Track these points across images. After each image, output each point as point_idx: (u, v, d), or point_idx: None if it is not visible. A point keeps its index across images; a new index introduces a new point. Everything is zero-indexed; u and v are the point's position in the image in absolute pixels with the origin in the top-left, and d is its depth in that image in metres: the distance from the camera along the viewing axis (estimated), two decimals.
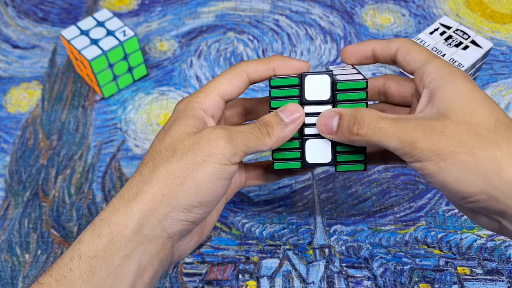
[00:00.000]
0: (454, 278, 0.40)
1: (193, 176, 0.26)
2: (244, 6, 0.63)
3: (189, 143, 0.27)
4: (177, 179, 0.26)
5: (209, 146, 0.27)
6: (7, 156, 0.50)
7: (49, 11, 0.64)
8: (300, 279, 0.40)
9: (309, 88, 0.31)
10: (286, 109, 0.30)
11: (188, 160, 0.26)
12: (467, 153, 0.25)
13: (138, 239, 0.26)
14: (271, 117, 0.30)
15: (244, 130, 0.28)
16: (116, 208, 0.27)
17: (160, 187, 0.26)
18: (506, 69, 0.56)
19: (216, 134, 0.27)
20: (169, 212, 0.26)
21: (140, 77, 0.56)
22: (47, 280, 0.25)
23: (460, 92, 0.27)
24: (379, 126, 0.27)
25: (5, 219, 0.45)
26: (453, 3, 0.63)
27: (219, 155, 0.27)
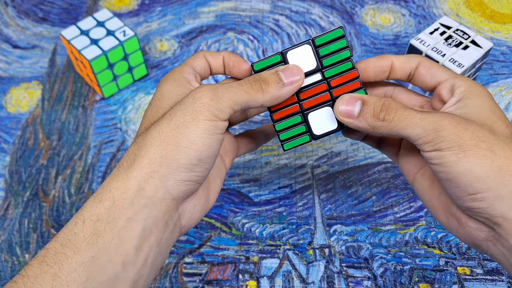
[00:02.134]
0: (454, 278, 0.40)
1: (186, 135, 0.27)
2: (244, 6, 0.63)
3: (176, 105, 0.28)
4: (171, 139, 0.27)
5: (195, 104, 0.27)
6: (7, 156, 0.50)
7: (49, 11, 0.64)
8: (300, 279, 0.40)
9: (294, 62, 0.31)
10: (287, 69, 0.30)
11: (178, 120, 0.27)
12: (487, 149, 0.26)
13: (141, 201, 0.26)
14: (269, 75, 0.30)
15: (231, 86, 0.29)
16: (115, 174, 0.27)
17: (156, 150, 0.27)
18: (506, 69, 0.56)
19: (201, 93, 0.28)
20: (170, 173, 0.27)
21: (140, 77, 0.56)
22: (53, 245, 0.26)
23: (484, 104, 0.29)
24: (406, 113, 0.28)
25: (5, 219, 0.45)
26: (453, 3, 0.63)
27: (206, 111, 0.27)
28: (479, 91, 0.30)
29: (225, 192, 0.46)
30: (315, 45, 0.31)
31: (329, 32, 0.31)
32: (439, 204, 0.31)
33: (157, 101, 0.31)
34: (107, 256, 0.25)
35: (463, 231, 0.29)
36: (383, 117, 0.28)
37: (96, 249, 0.25)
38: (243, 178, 0.47)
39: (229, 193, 0.46)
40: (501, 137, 0.27)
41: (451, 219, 0.30)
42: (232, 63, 0.34)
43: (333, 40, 0.31)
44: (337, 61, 0.31)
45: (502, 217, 0.26)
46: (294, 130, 0.32)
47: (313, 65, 0.31)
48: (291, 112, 0.32)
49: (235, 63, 0.34)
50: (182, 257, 0.42)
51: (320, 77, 0.32)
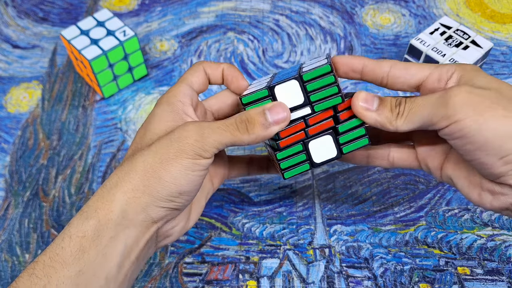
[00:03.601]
0: (454, 278, 0.40)
1: (169, 170, 0.28)
2: (244, 6, 0.63)
3: (163, 139, 0.29)
4: (154, 172, 0.28)
5: (180, 143, 0.29)
6: (7, 156, 0.50)
7: (49, 11, 0.64)
8: (300, 279, 0.40)
9: (281, 97, 0.31)
10: (274, 108, 0.30)
11: (163, 155, 0.29)
12: (504, 109, 0.26)
13: (124, 223, 0.28)
14: (255, 114, 0.30)
15: (218, 127, 0.29)
16: (100, 196, 0.29)
17: (140, 179, 0.28)
18: (506, 69, 0.56)
19: (187, 132, 0.29)
20: (152, 201, 0.29)
21: (140, 77, 0.56)
22: (42, 258, 0.27)
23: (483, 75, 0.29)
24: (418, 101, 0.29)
25: (5, 219, 0.45)
26: (453, 3, 0.63)
27: (190, 151, 0.28)
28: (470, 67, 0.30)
29: (225, 192, 0.46)
30: (303, 81, 0.31)
31: (316, 68, 0.31)
32: (470, 184, 0.31)
33: (147, 123, 0.31)
34: (92, 271, 0.27)
35: (498, 202, 0.29)
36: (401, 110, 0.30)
37: (82, 264, 0.27)
38: (243, 178, 0.47)
39: (229, 193, 0.46)
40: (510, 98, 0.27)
41: (484, 194, 0.30)
42: (231, 77, 0.34)
43: (321, 76, 0.31)
44: (325, 96, 0.31)
45: None
46: (294, 158, 0.32)
47: (300, 100, 0.31)
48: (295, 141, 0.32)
49: (233, 78, 0.34)
50: (182, 257, 0.42)
51: (310, 111, 0.32)
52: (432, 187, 0.46)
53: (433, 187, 0.46)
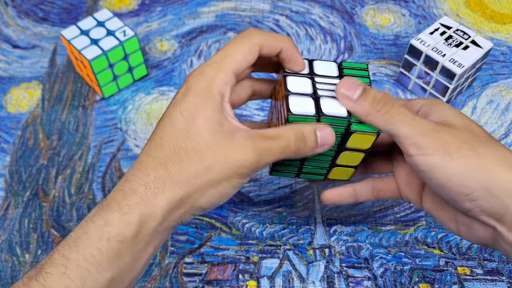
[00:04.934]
0: (454, 278, 0.40)
1: (218, 189, 0.28)
2: (244, 6, 0.63)
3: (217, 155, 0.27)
4: (202, 187, 0.28)
5: (237, 165, 0.27)
6: (7, 156, 0.50)
7: (49, 11, 0.64)
8: (300, 279, 0.40)
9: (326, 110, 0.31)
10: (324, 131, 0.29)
11: (215, 175, 0.27)
12: (471, 150, 0.27)
13: (160, 229, 0.28)
14: (310, 134, 0.29)
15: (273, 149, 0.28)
16: (144, 198, 0.27)
17: (186, 191, 0.27)
18: (506, 69, 0.56)
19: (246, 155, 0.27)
20: (190, 211, 0.29)
21: (140, 77, 0.56)
22: (74, 256, 0.25)
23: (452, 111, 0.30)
24: (402, 109, 0.29)
25: (5, 219, 0.45)
26: (453, 3, 0.63)
27: (244, 175, 0.28)
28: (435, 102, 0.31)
29: None
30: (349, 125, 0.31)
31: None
32: (446, 216, 0.32)
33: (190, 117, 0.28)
34: (122, 277, 0.27)
35: (472, 235, 0.30)
36: (380, 107, 0.29)
37: (116, 270, 0.26)
38: None
39: None
40: (481, 137, 0.28)
41: (460, 226, 0.31)
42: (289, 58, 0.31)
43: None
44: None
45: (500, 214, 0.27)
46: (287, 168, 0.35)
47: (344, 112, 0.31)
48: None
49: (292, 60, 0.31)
50: (182, 257, 0.42)
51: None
52: None
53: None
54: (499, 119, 0.51)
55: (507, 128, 0.50)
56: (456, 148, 0.27)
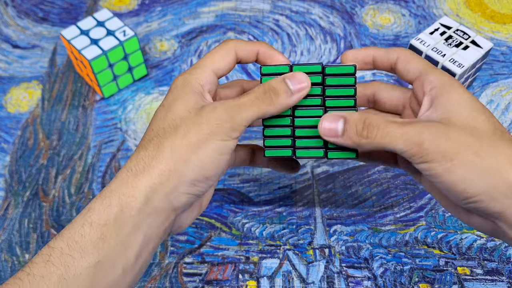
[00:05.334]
0: (454, 278, 0.40)
1: (197, 154, 0.28)
2: (244, 6, 0.63)
3: (191, 120, 0.28)
4: (182, 156, 0.28)
5: (210, 124, 0.28)
6: (7, 156, 0.50)
7: (49, 11, 0.64)
8: (300, 279, 0.41)
9: None
10: (294, 77, 0.30)
11: (191, 138, 0.28)
12: (473, 154, 0.26)
13: (147, 210, 0.27)
14: (278, 83, 0.30)
15: (244, 104, 0.29)
16: (124, 180, 0.27)
17: (167, 163, 0.27)
18: (506, 69, 0.56)
19: (216, 113, 0.28)
20: (176, 186, 0.28)
21: (140, 77, 0.56)
22: (58, 244, 0.26)
23: (461, 100, 0.28)
24: (387, 129, 0.28)
25: (5, 219, 0.45)
26: (453, 3, 0.63)
27: (220, 133, 0.28)
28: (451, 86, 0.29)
29: (225, 192, 0.46)
30: (324, 73, 0.31)
31: (341, 66, 0.31)
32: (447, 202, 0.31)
33: (169, 105, 0.30)
34: (111, 262, 0.26)
35: (472, 224, 0.30)
36: (366, 135, 0.28)
37: (102, 254, 0.26)
38: (243, 178, 0.47)
39: (229, 193, 0.46)
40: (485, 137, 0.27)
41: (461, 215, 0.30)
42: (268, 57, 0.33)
43: (343, 75, 0.31)
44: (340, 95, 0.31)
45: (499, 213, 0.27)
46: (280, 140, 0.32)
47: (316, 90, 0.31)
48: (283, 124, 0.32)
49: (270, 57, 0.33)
50: (182, 257, 0.42)
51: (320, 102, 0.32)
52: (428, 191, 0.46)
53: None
54: (499, 119, 0.51)
55: (507, 128, 0.50)
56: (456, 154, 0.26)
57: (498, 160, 0.26)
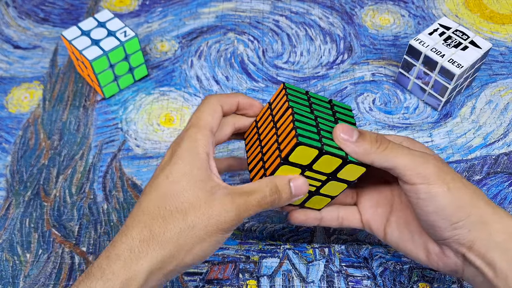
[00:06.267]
0: (453, 278, 0.41)
1: (201, 245, 0.29)
2: (244, 6, 0.64)
3: (200, 212, 0.29)
4: (187, 245, 0.29)
5: (219, 223, 0.29)
6: (8, 156, 0.50)
7: (50, 11, 0.64)
8: (300, 278, 0.41)
9: None
10: (297, 183, 0.32)
11: (199, 232, 0.29)
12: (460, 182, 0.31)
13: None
14: (283, 186, 0.31)
15: (251, 204, 0.30)
16: (127, 263, 0.28)
17: (170, 250, 0.28)
18: (505, 69, 0.56)
19: (227, 213, 0.29)
20: (175, 269, 0.29)
21: (141, 78, 0.56)
22: None
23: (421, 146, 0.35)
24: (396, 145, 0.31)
25: (6, 219, 0.45)
26: (452, 4, 0.63)
27: (226, 229, 0.29)
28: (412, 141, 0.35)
29: None
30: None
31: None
32: (416, 247, 0.34)
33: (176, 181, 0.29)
34: None
35: (442, 263, 0.33)
36: (379, 145, 0.31)
37: None
38: (243, 178, 0.48)
39: None
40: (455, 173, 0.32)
41: (431, 255, 0.33)
42: (248, 106, 0.35)
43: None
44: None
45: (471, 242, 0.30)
46: None
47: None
48: None
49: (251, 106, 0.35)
50: None
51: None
52: None
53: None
54: (498, 119, 0.51)
55: (505, 128, 0.51)
56: (451, 179, 0.30)
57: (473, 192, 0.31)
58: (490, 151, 0.49)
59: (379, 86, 0.55)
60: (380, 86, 0.55)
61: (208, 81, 0.55)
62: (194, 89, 0.55)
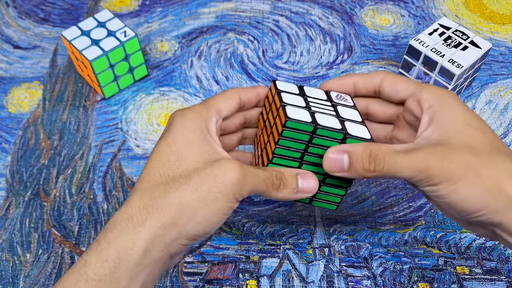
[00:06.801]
0: (453, 278, 0.41)
1: (203, 210, 0.27)
2: (244, 7, 0.64)
3: (205, 174, 0.27)
4: (188, 210, 0.27)
5: (224, 184, 0.27)
6: (8, 156, 0.50)
7: (50, 11, 0.64)
8: (300, 278, 0.41)
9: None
10: (306, 178, 0.31)
11: (202, 194, 0.27)
12: (474, 175, 0.27)
13: (145, 262, 0.27)
14: (289, 176, 0.30)
15: (258, 175, 0.29)
16: (124, 231, 0.27)
17: (171, 215, 0.27)
18: (505, 69, 0.56)
19: (233, 173, 0.27)
20: (176, 239, 0.27)
21: (141, 78, 0.56)
22: None
23: (457, 117, 0.30)
24: (393, 160, 0.28)
25: (6, 219, 0.45)
26: (452, 4, 0.63)
27: (229, 194, 0.27)
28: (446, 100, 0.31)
29: None
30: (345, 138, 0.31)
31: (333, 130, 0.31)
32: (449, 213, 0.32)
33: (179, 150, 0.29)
34: None
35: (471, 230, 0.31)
36: (374, 168, 0.29)
37: None
38: None
39: None
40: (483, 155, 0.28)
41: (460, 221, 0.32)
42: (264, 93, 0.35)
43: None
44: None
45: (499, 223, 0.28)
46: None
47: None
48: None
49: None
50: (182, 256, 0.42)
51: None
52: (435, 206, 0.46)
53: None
54: (498, 119, 0.51)
55: (505, 128, 0.51)
56: (460, 176, 0.27)
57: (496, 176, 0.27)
58: None
59: None
60: None
61: (208, 81, 0.55)
62: (194, 89, 0.55)
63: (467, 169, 0.27)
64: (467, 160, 0.28)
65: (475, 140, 0.29)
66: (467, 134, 0.29)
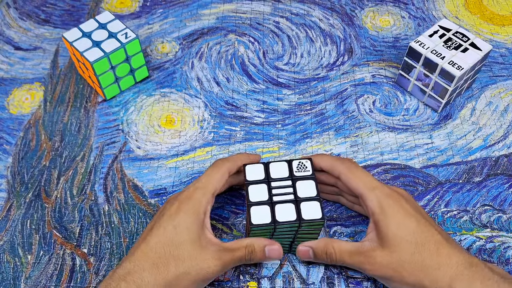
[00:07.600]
0: None
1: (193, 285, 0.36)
2: (245, 8, 0.64)
3: (195, 261, 0.36)
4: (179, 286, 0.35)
5: (209, 272, 0.36)
6: (9, 157, 0.50)
7: (51, 13, 0.64)
8: (300, 280, 0.41)
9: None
10: (273, 249, 0.38)
11: (191, 278, 0.36)
12: (399, 277, 0.36)
13: None
14: (259, 248, 0.38)
15: (235, 256, 0.37)
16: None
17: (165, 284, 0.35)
18: (505, 71, 0.56)
19: (215, 265, 0.36)
20: None
21: (142, 79, 0.56)
22: None
23: (398, 231, 0.36)
24: (341, 258, 0.38)
25: (8, 220, 0.45)
26: (453, 6, 0.63)
27: (210, 279, 0.37)
28: (387, 209, 0.37)
29: (226, 194, 0.47)
30: (300, 225, 0.38)
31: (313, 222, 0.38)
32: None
33: (179, 232, 0.36)
34: None
35: None
36: (329, 260, 0.39)
37: None
38: None
39: (230, 195, 0.47)
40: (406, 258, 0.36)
41: None
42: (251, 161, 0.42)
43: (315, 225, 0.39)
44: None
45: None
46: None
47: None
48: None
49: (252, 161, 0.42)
50: None
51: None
52: (431, 188, 0.46)
53: (432, 188, 0.46)
54: (498, 120, 0.51)
55: (506, 129, 0.51)
56: (390, 276, 0.36)
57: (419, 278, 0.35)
58: (490, 153, 0.49)
59: (379, 88, 0.55)
60: (380, 87, 0.55)
61: (209, 82, 0.56)
62: (195, 91, 0.55)
63: (394, 272, 0.36)
64: (394, 265, 0.36)
65: (403, 249, 0.36)
66: (403, 249, 0.36)
